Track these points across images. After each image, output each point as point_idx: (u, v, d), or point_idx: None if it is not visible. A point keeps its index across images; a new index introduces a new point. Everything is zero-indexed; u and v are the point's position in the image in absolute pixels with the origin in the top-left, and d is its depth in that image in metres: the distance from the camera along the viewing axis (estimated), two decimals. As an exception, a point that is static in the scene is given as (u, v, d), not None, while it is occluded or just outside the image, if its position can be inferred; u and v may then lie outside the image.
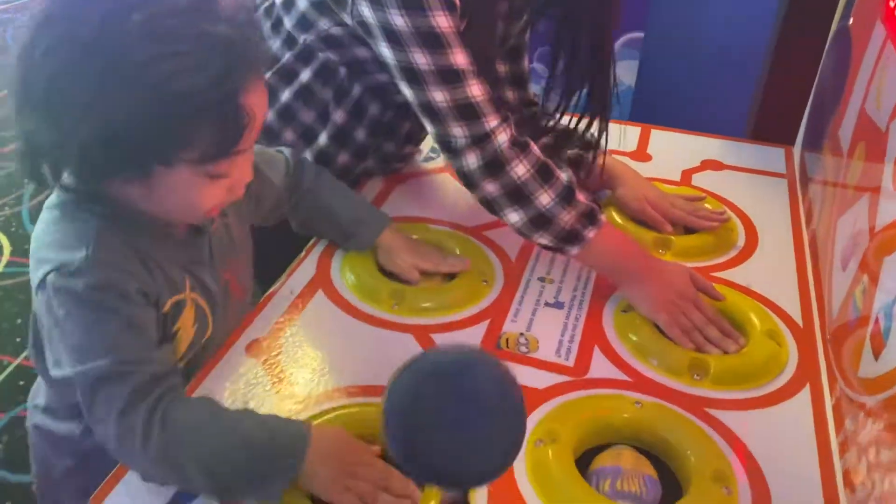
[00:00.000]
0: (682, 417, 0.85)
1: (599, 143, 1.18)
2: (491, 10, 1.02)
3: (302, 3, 1.04)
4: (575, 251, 0.99)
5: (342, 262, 1.08)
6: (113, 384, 0.72)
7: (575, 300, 1.04)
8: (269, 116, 1.11)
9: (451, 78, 0.93)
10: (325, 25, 1.04)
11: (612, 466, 0.78)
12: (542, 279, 1.08)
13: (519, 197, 0.97)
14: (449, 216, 1.20)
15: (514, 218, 0.99)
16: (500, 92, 0.99)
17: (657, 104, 1.89)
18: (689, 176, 1.35)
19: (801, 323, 1.02)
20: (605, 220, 1.01)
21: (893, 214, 0.80)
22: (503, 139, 0.96)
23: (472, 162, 0.97)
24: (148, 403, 0.72)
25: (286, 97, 1.10)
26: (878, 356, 0.76)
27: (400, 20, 0.90)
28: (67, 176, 0.74)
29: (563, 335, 0.98)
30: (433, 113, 0.95)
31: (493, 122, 0.95)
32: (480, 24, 0.97)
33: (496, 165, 0.96)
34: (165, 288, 0.80)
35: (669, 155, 1.41)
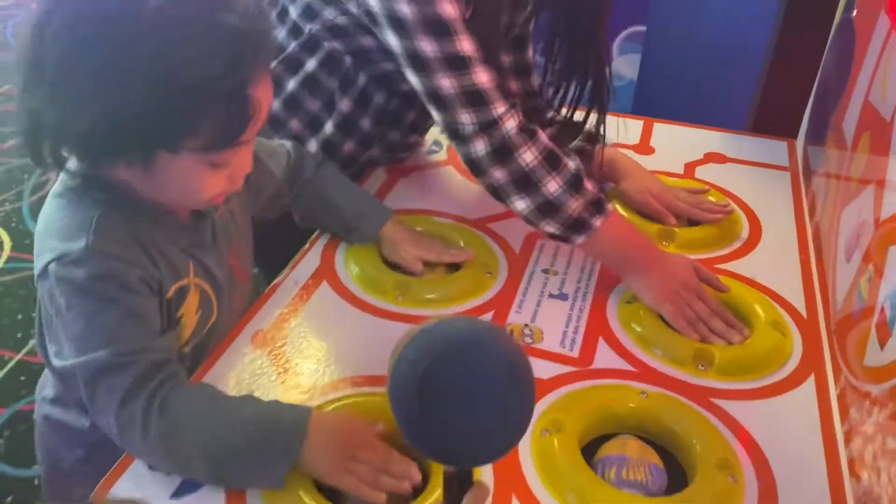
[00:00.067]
0: (687, 407, 0.85)
1: (598, 134, 1.18)
2: None
3: None
4: (581, 240, 0.99)
5: (346, 253, 1.08)
6: (113, 375, 0.73)
7: (579, 291, 1.04)
8: (275, 105, 1.11)
9: (457, 65, 0.93)
10: (330, 15, 1.04)
11: (617, 455, 0.78)
12: (545, 271, 1.08)
13: (526, 184, 0.97)
14: (452, 208, 1.20)
15: (520, 205, 0.99)
16: (503, 82, 0.99)
17: (659, 98, 1.89)
18: (692, 169, 1.35)
19: (805, 314, 1.02)
20: (611, 209, 1.01)
21: (899, 204, 0.80)
22: (511, 125, 0.96)
23: (479, 149, 0.97)
24: (147, 392, 0.72)
25: (292, 86, 1.10)
26: (883, 345, 0.76)
27: (406, 8, 0.90)
28: (68, 156, 0.74)
29: (567, 326, 0.98)
30: (440, 100, 0.95)
31: (500, 108, 0.95)
32: (485, 12, 0.97)
33: (504, 152, 0.96)
34: (168, 274, 0.80)
35: (672, 148, 1.41)
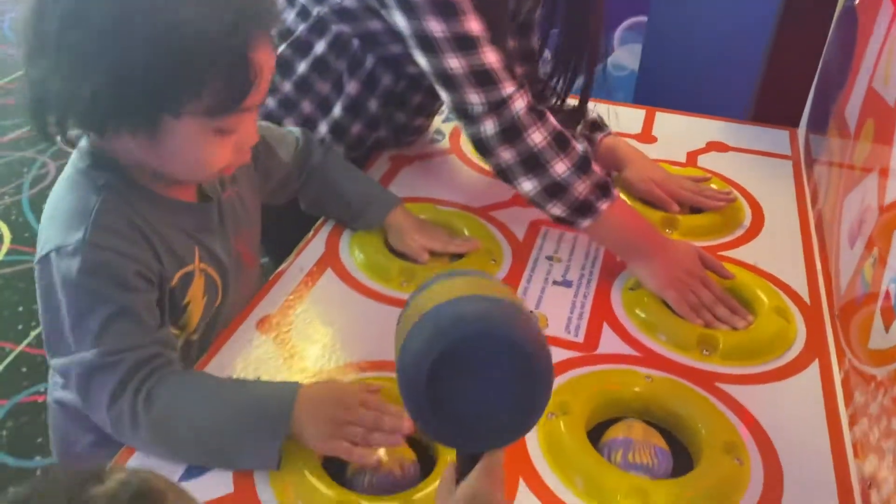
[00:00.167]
0: (692, 391, 0.85)
1: (599, 122, 1.20)
2: None
3: None
4: (587, 223, 0.99)
5: (350, 241, 1.08)
6: (102, 374, 0.73)
7: (583, 278, 1.05)
8: (286, 88, 1.12)
9: (466, 44, 0.93)
10: None
11: (623, 438, 0.78)
12: (549, 258, 1.08)
13: (534, 165, 0.97)
14: (456, 197, 1.20)
15: (527, 186, 0.99)
16: (511, 63, 0.99)
17: (661, 88, 1.89)
18: (694, 157, 1.35)
19: (808, 300, 1.02)
20: (617, 193, 1.01)
21: (904, 187, 0.80)
22: (521, 105, 0.96)
23: (488, 128, 0.97)
24: (133, 387, 0.73)
25: (302, 69, 1.11)
26: (888, 328, 0.76)
27: None
28: (73, 127, 0.74)
29: (571, 312, 0.98)
30: (449, 80, 0.95)
31: (509, 88, 0.95)
32: None
33: (513, 132, 0.96)
34: (170, 263, 0.80)
35: (674, 137, 1.42)
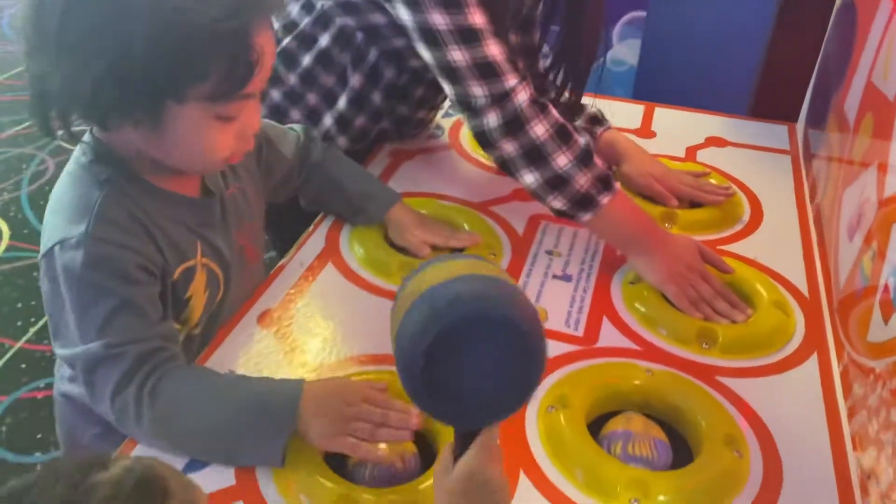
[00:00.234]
0: (692, 384, 0.85)
1: (599, 116, 1.20)
2: None
3: None
4: (587, 217, 1.00)
5: (350, 235, 1.08)
6: (107, 366, 0.73)
7: (583, 273, 1.05)
8: (291, 80, 1.13)
9: (469, 37, 0.93)
10: None
11: (622, 431, 0.79)
12: (549, 252, 1.09)
13: (537, 157, 0.97)
14: (455, 191, 1.20)
15: (529, 179, 0.99)
16: (513, 57, 0.99)
17: (660, 83, 1.89)
18: (693, 152, 1.36)
19: (807, 294, 1.02)
20: (618, 187, 1.01)
21: (903, 181, 0.81)
22: (523, 98, 0.96)
23: (492, 121, 0.97)
24: (138, 380, 0.73)
25: (307, 62, 1.11)
26: (887, 321, 0.76)
27: None
28: (76, 121, 0.74)
29: (571, 306, 0.98)
30: (452, 73, 0.96)
31: (512, 80, 0.96)
32: None
33: (516, 124, 0.97)
34: (173, 257, 0.81)
35: (673, 132, 1.42)
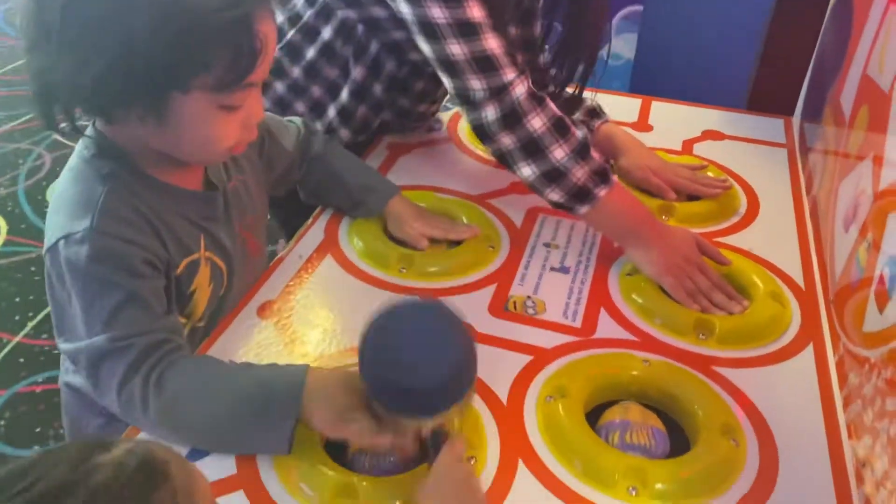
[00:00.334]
0: (689, 374, 0.86)
1: (597, 109, 1.21)
2: None
3: None
4: (585, 210, 1.00)
5: (349, 228, 1.09)
6: (112, 359, 0.73)
7: (580, 265, 1.06)
8: (295, 73, 1.14)
9: (467, 30, 0.94)
10: None
11: (620, 420, 0.80)
12: (547, 245, 1.09)
13: (534, 150, 0.98)
14: (454, 184, 1.20)
15: (527, 172, 1.00)
16: (512, 51, 1.00)
17: (656, 77, 1.90)
18: (690, 146, 1.36)
19: (803, 285, 1.03)
20: (616, 179, 1.02)
21: (898, 172, 0.81)
22: (521, 91, 0.97)
23: (490, 114, 0.98)
24: (143, 371, 0.73)
25: (311, 55, 1.12)
26: (882, 310, 0.77)
27: None
28: (81, 117, 0.74)
29: (569, 298, 0.99)
30: (451, 66, 0.96)
31: (510, 74, 0.96)
32: None
33: (514, 118, 0.97)
34: (176, 251, 0.81)
35: (670, 126, 1.42)
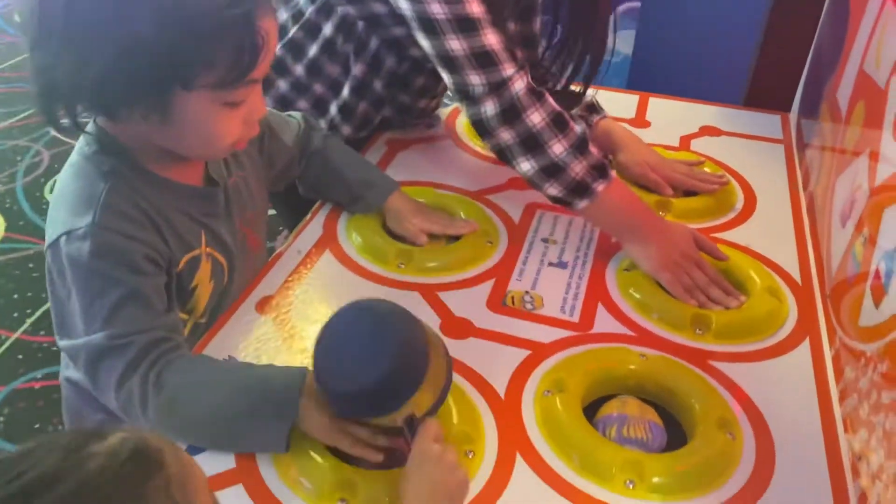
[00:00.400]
0: (686, 368, 0.87)
1: (596, 105, 1.21)
2: None
3: None
4: (583, 204, 1.01)
5: (348, 224, 1.09)
6: (111, 357, 0.74)
7: (578, 260, 1.06)
8: (298, 71, 1.14)
9: (466, 26, 0.94)
10: None
11: (617, 414, 0.80)
12: (545, 240, 1.10)
13: (533, 145, 0.98)
14: (452, 181, 1.21)
15: (525, 167, 1.00)
16: (511, 46, 1.00)
17: (654, 73, 1.90)
18: (687, 142, 1.37)
19: (799, 281, 1.04)
20: (614, 175, 1.02)
21: (894, 166, 0.82)
22: (520, 86, 0.97)
23: (489, 109, 0.98)
24: (142, 369, 0.73)
25: (314, 52, 1.13)
26: (879, 304, 0.78)
27: None
28: (83, 112, 0.74)
29: (567, 293, 0.99)
30: (450, 62, 0.97)
31: (509, 69, 0.96)
32: None
33: (513, 113, 0.98)
34: (178, 247, 0.81)
35: (668, 122, 1.43)
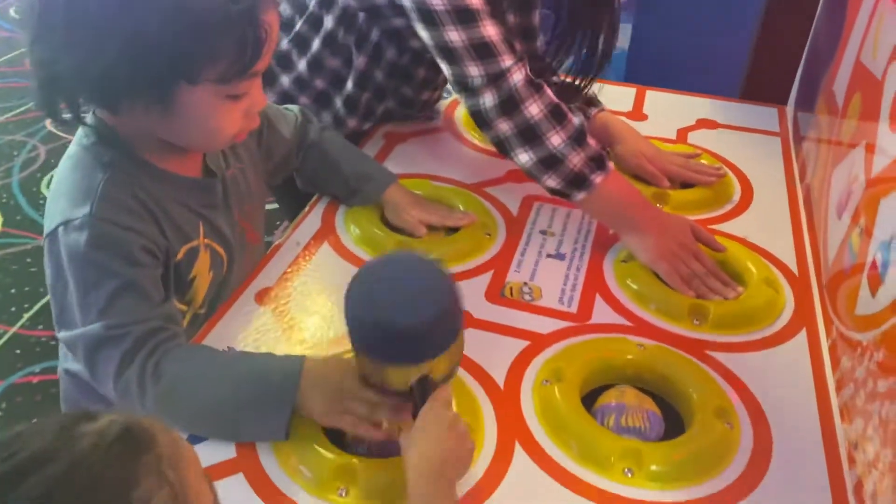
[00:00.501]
0: (683, 358, 0.87)
1: (594, 98, 1.21)
2: None
3: None
4: (581, 196, 1.01)
5: (346, 216, 1.09)
6: (109, 347, 0.74)
7: (576, 252, 1.06)
8: (301, 66, 1.15)
9: (465, 17, 0.94)
10: None
11: (616, 403, 0.80)
12: (543, 232, 1.10)
13: (531, 136, 0.99)
14: (450, 173, 1.21)
15: (524, 158, 1.00)
16: (510, 37, 1.00)
17: (651, 66, 1.90)
18: (684, 134, 1.37)
19: (796, 271, 1.04)
20: (612, 166, 1.02)
21: (890, 157, 0.82)
22: (518, 78, 0.97)
23: (487, 100, 0.98)
24: (140, 359, 0.74)
25: (316, 46, 1.13)
26: (875, 293, 0.78)
27: None
28: (85, 105, 0.74)
29: (565, 284, 1.00)
30: (449, 53, 0.97)
31: (508, 61, 0.97)
32: None
33: (511, 104, 0.98)
34: (176, 238, 0.81)
35: (665, 114, 1.43)
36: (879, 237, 0.80)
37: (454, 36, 0.95)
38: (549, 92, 1.00)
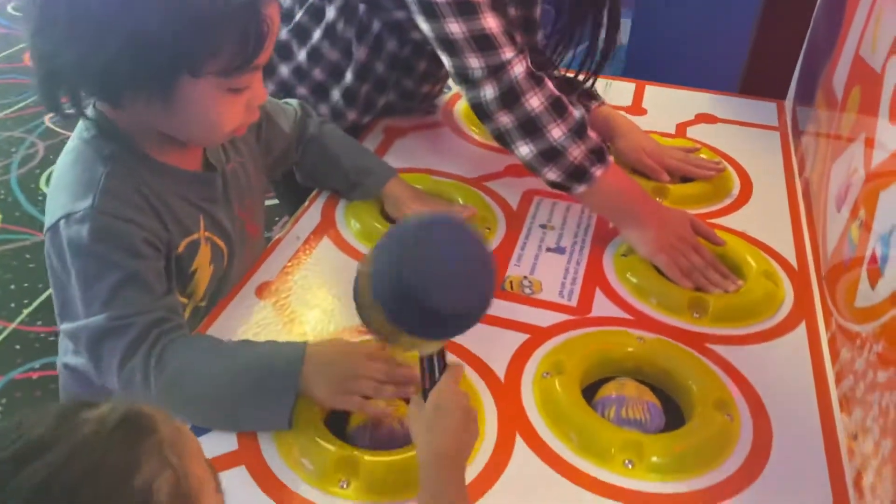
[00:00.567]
0: (683, 351, 0.87)
1: (594, 92, 1.21)
2: None
3: None
4: (581, 189, 1.01)
5: (346, 210, 1.09)
6: (113, 338, 0.74)
7: (576, 245, 1.06)
8: (300, 56, 1.15)
9: (466, 9, 0.94)
10: None
11: (616, 395, 0.81)
12: (543, 226, 1.10)
13: (532, 129, 0.99)
14: (450, 168, 1.21)
15: (524, 151, 1.00)
16: (511, 30, 1.00)
17: (650, 61, 1.90)
18: (683, 129, 1.37)
19: (795, 265, 1.04)
20: (612, 160, 1.02)
21: (889, 150, 0.82)
22: (519, 70, 0.97)
23: (488, 93, 0.98)
24: (144, 349, 0.74)
25: (316, 37, 1.13)
26: (874, 285, 0.78)
27: None
28: (85, 99, 0.75)
29: (565, 278, 1.00)
30: (450, 45, 0.97)
31: (508, 53, 0.97)
32: None
33: (512, 96, 0.98)
34: (177, 231, 0.82)
35: (664, 109, 1.43)
36: (879, 230, 0.81)
37: (455, 28, 0.95)
38: (549, 84, 1.00)
